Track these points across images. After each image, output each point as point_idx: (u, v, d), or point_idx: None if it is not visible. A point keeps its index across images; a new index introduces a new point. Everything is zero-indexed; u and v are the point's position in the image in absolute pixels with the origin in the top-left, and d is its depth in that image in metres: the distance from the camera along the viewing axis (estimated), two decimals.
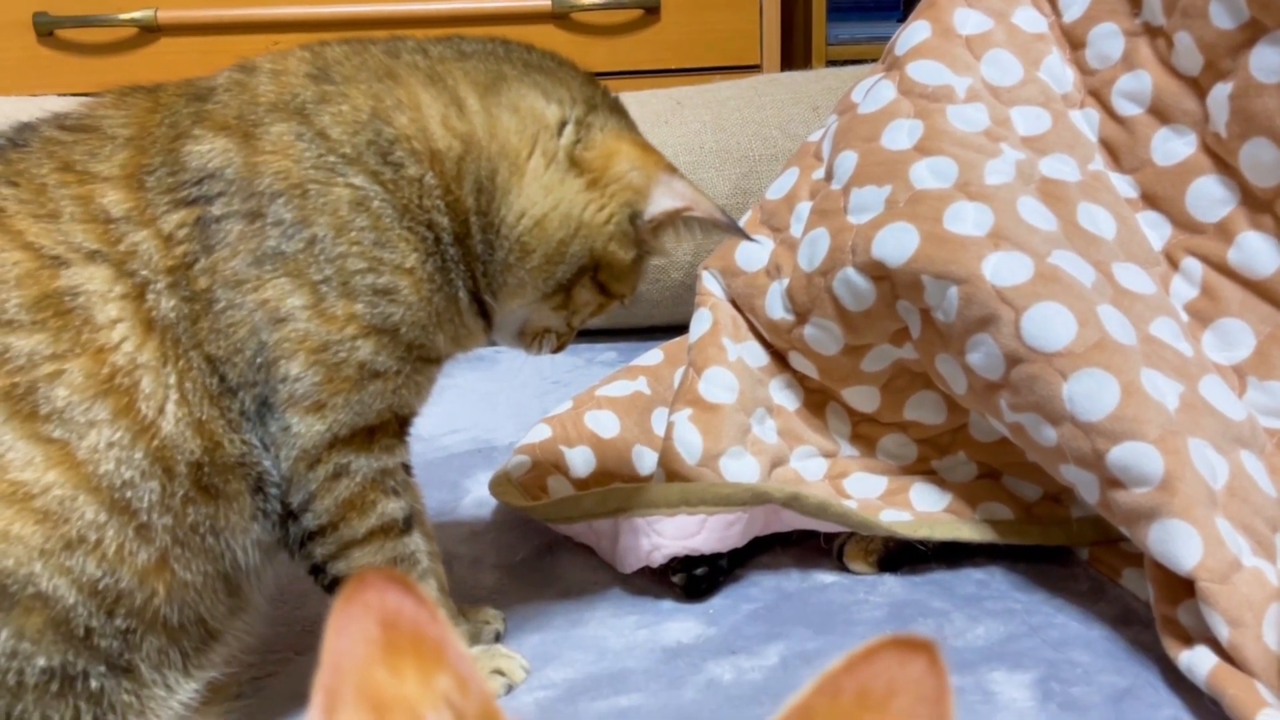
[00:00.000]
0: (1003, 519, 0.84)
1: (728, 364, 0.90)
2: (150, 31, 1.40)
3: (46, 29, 1.38)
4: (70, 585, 0.54)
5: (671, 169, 0.68)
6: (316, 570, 0.64)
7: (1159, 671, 0.70)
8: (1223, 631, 0.65)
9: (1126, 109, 0.87)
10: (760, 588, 0.83)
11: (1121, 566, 0.81)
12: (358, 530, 0.63)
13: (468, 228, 0.64)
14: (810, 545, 0.86)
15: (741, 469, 0.85)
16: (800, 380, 0.93)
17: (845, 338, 0.86)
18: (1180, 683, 0.69)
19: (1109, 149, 0.88)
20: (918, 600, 0.81)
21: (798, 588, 0.83)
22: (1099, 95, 0.89)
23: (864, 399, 0.90)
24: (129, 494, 0.56)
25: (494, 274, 0.66)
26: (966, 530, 0.82)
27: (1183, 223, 0.84)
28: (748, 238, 0.80)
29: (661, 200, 0.66)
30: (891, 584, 0.83)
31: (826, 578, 0.84)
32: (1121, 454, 0.70)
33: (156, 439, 0.57)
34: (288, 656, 0.75)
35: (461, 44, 0.68)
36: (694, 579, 0.81)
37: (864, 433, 0.92)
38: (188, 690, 0.60)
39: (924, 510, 0.85)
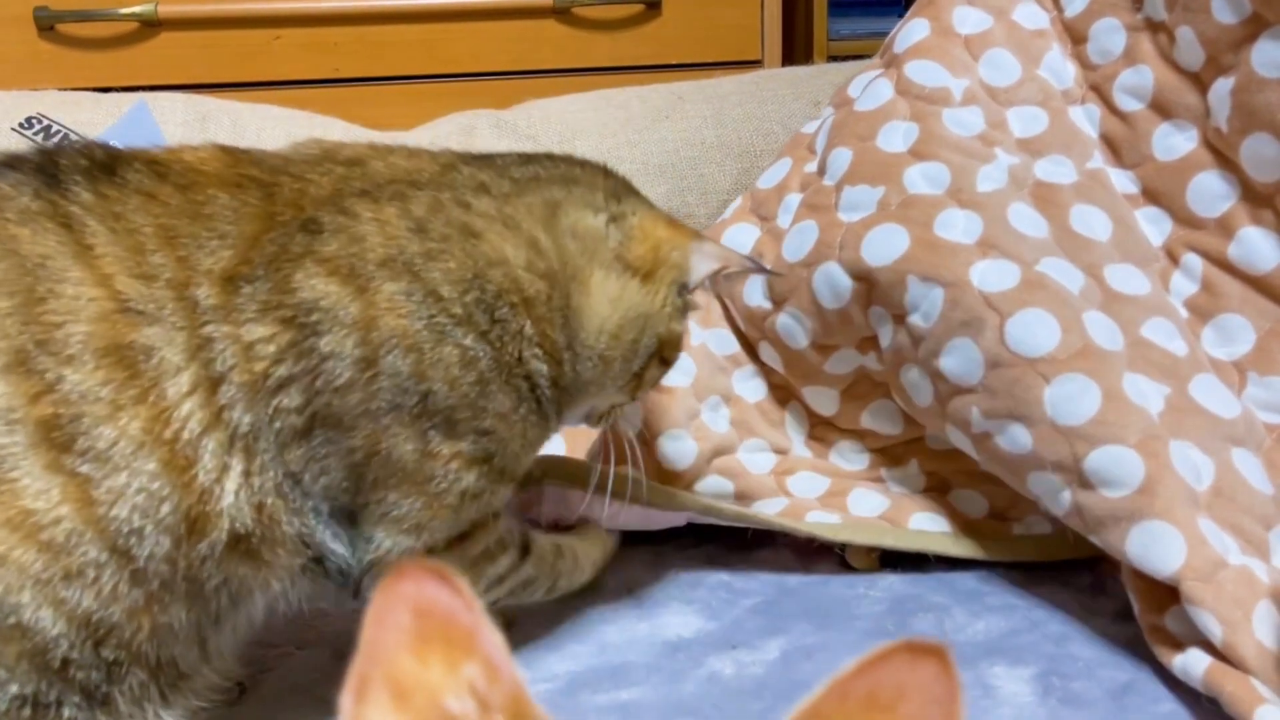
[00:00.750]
0: (935, 530, 0.84)
1: (689, 348, 0.91)
2: (151, 25, 1.40)
3: (47, 23, 1.38)
4: (58, 617, 0.53)
5: (698, 235, 0.72)
6: None
7: (1159, 666, 0.70)
8: (1215, 631, 0.65)
9: (1128, 104, 0.87)
10: (760, 582, 0.83)
11: (1121, 564, 0.81)
12: (478, 589, 0.65)
13: (561, 367, 0.66)
14: (810, 540, 0.86)
15: (678, 451, 0.85)
16: (766, 374, 0.94)
17: (815, 333, 0.87)
18: (1179, 678, 0.69)
19: (1110, 144, 0.88)
20: (918, 595, 0.81)
21: (798, 582, 0.83)
22: (1100, 90, 0.89)
23: (824, 401, 0.90)
24: (133, 542, 0.55)
25: (580, 388, 0.68)
26: (891, 538, 0.83)
27: (1183, 218, 0.84)
28: (773, 273, 0.86)
29: (700, 267, 0.70)
30: (892, 579, 0.83)
31: (827, 572, 0.84)
32: (1100, 457, 0.70)
33: (204, 505, 0.56)
34: (288, 651, 0.75)
35: (511, 171, 0.68)
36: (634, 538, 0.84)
37: (820, 435, 0.92)
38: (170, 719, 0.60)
39: (857, 515, 0.85)
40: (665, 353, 0.71)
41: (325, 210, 0.62)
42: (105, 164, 0.59)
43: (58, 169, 0.58)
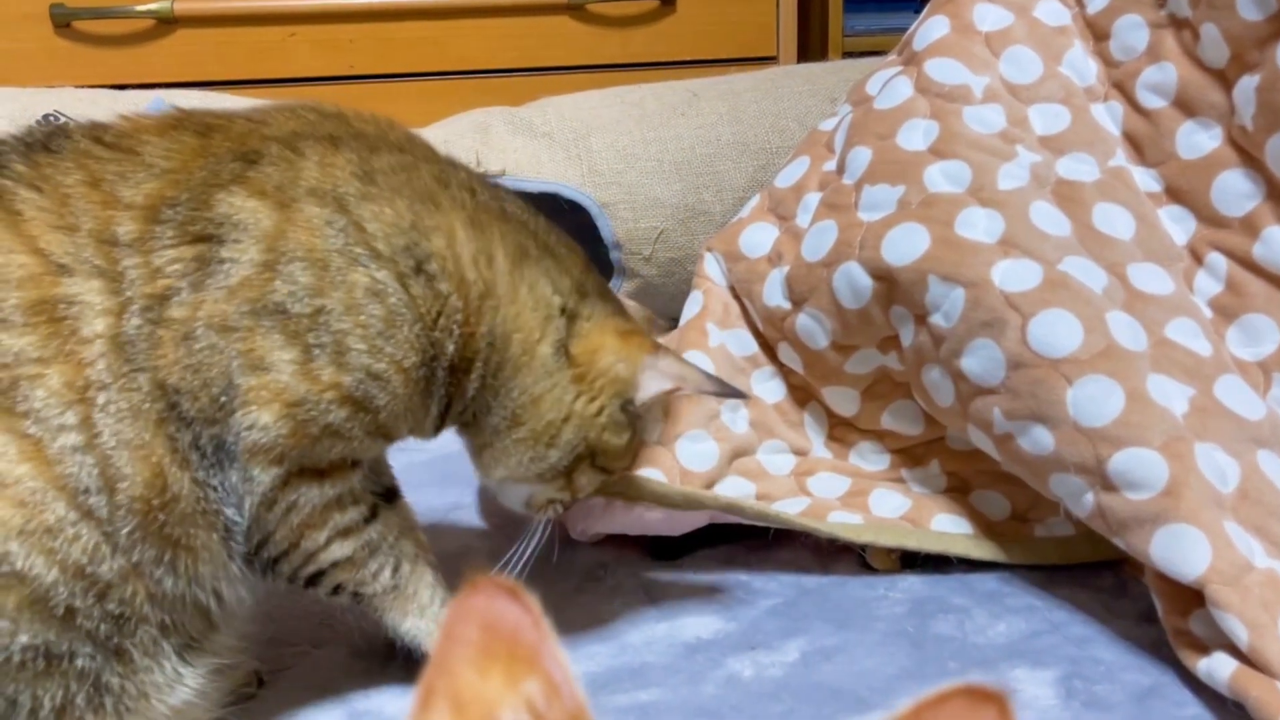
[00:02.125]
0: (957, 532, 0.83)
1: (707, 349, 0.90)
2: (167, 23, 1.40)
3: (63, 20, 1.38)
4: (50, 564, 0.54)
5: (656, 349, 0.71)
6: (291, 581, 0.65)
7: (1183, 670, 0.70)
8: (1241, 635, 0.65)
9: (1151, 102, 0.86)
10: (779, 583, 0.83)
11: (1145, 566, 0.80)
12: (318, 540, 0.64)
13: (469, 367, 0.66)
14: (830, 540, 0.85)
15: (699, 453, 0.85)
16: (785, 375, 0.93)
17: (835, 333, 0.86)
18: (1204, 682, 0.68)
19: (1132, 142, 0.87)
20: (938, 597, 0.80)
21: (817, 583, 0.83)
22: (1123, 88, 0.88)
23: (844, 402, 0.90)
24: (90, 501, 0.56)
25: (484, 432, 0.69)
26: (914, 539, 0.82)
27: (1207, 217, 0.83)
28: (743, 396, 0.81)
29: (650, 385, 0.70)
30: (912, 580, 0.82)
31: (846, 573, 0.84)
32: (1124, 460, 0.70)
33: (99, 451, 0.56)
34: (305, 650, 0.75)
35: (504, 200, 0.69)
36: (659, 542, 0.85)
37: (839, 436, 0.92)
38: (190, 676, 0.60)
39: (879, 515, 0.85)
40: (600, 461, 0.71)
41: (272, 145, 0.63)
42: (43, 140, 0.61)
43: None
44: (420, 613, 0.68)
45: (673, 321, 1.20)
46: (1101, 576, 0.82)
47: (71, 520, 0.55)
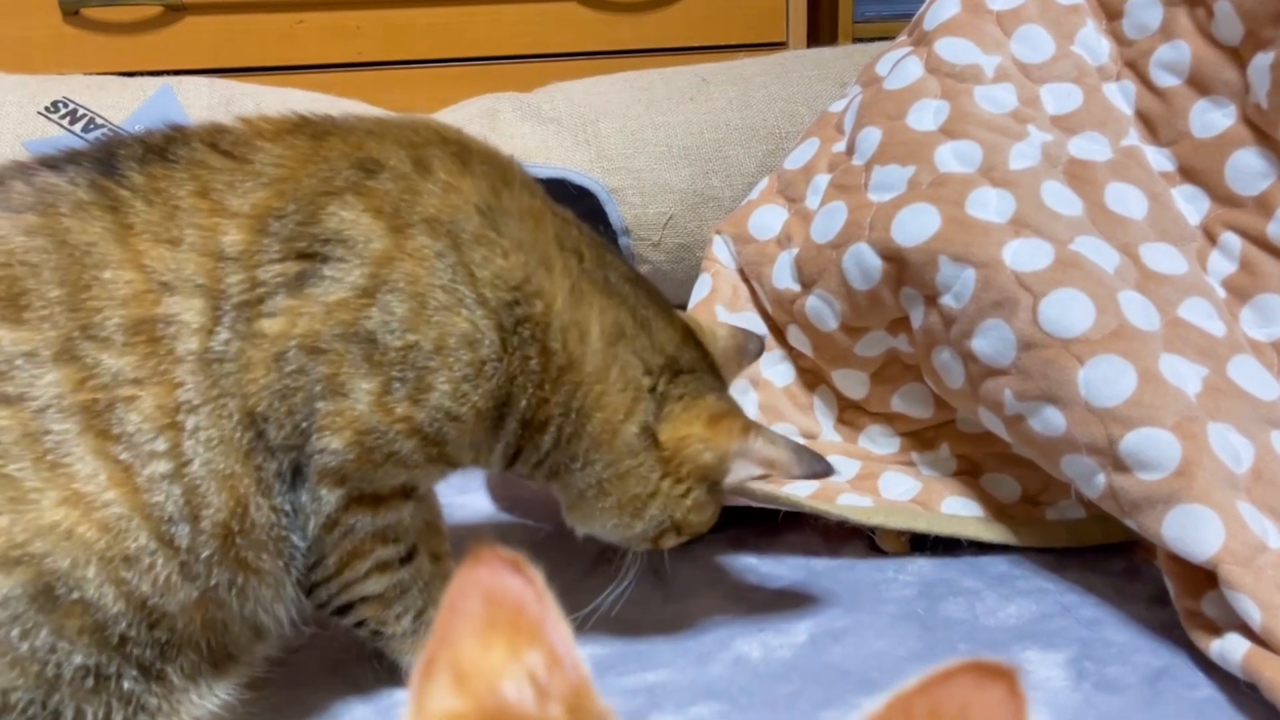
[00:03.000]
0: (967, 515, 0.83)
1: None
2: (175, 10, 1.40)
3: (73, 8, 1.38)
4: (119, 596, 0.55)
5: (746, 431, 0.68)
6: (322, 607, 0.66)
7: (1195, 652, 0.69)
8: (1254, 616, 0.64)
9: (1164, 80, 0.85)
10: (788, 566, 0.83)
11: (1157, 549, 0.80)
12: (359, 570, 0.64)
13: (543, 428, 0.65)
14: (839, 523, 0.85)
15: None
16: (794, 358, 0.93)
17: (845, 315, 0.85)
18: (1217, 664, 0.68)
19: (1146, 121, 0.87)
20: (948, 579, 0.80)
21: (826, 566, 0.82)
22: (1136, 66, 0.87)
23: (853, 385, 0.89)
24: (172, 530, 0.56)
25: (570, 491, 0.69)
26: (924, 521, 0.81)
27: (1221, 196, 0.82)
28: (833, 473, 0.72)
29: (740, 472, 0.69)
30: (922, 563, 0.82)
31: (855, 556, 0.83)
32: (1136, 440, 0.69)
33: (188, 480, 0.56)
34: (316, 630, 0.75)
35: (608, 268, 0.68)
36: None
37: (849, 419, 0.91)
38: (223, 689, 0.61)
39: (889, 498, 0.84)
40: (685, 531, 0.70)
41: (394, 154, 0.62)
42: (160, 146, 0.60)
43: (114, 158, 0.59)
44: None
45: (681, 309, 1.20)
46: (1113, 559, 0.81)
47: (150, 550, 0.55)
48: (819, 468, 0.69)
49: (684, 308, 1.16)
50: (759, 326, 0.93)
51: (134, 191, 0.57)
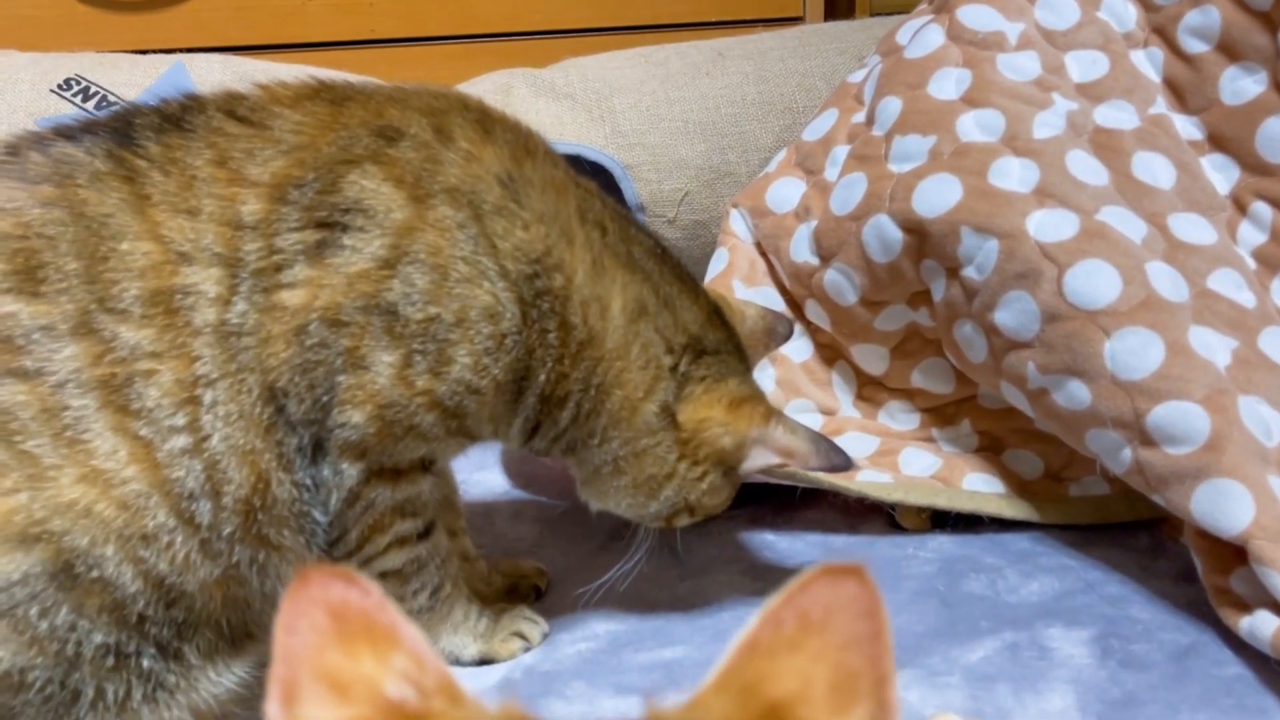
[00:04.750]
0: (989, 491, 0.81)
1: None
2: None
3: None
4: (136, 575, 0.54)
5: (767, 418, 0.66)
6: None
7: (1223, 629, 0.68)
8: None
9: (1193, 46, 0.83)
10: (806, 543, 0.81)
11: (1183, 525, 0.78)
12: (378, 545, 0.64)
13: (562, 404, 0.64)
14: (858, 500, 0.84)
15: None
16: (812, 333, 0.91)
17: (864, 288, 0.84)
18: (1245, 641, 0.66)
19: (1173, 89, 0.84)
20: (969, 556, 0.79)
21: (845, 543, 0.81)
22: (1164, 33, 0.85)
23: (873, 360, 0.88)
24: (193, 507, 0.55)
25: (586, 467, 0.68)
26: (945, 498, 0.80)
27: (1252, 165, 0.80)
28: (852, 467, 0.70)
29: (757, 459, 0.67)
30: (942, 540, 0.81)
31: (875, 533, 0.82)
32: (1164, 413, 0.67)
33: (208, 455, 0.56)
34: None
35: (633, 243, 0.66)
36: None
37: (868, 395, 0.90)
38: (240, 669, 0.60)
39: (909, 474, 0.83)
40: (699, 513, 0.69)
41: (415, 122, 0.61)
42: (176, 115, 0.59)
43: (131, 128, 0.58)
44: (454, 630, 0.68)
45: None
46: (1137, 536, 0.80)
47: (169, 528, 0.55)
48: (838, 461, 0.67)
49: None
50: (776, 301, 0.92)
51: (151, 162, 0.57)
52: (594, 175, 1.18)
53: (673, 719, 0.29)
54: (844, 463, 0.68)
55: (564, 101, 1.23)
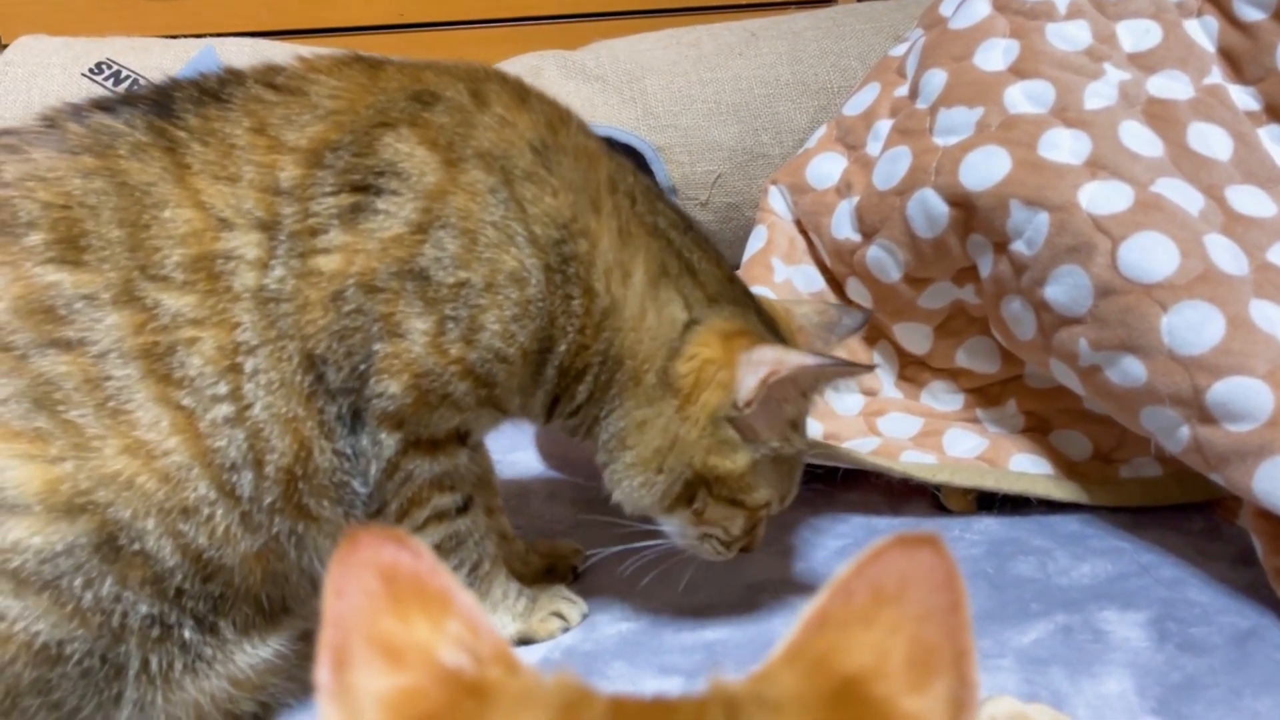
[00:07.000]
0: (1036, 472, 0.79)
1: (772, 284, 0.87)
2: None
3: None
4: (175, 550, 0.54)
5: (754, 343, 0.62)
6: None
7: None
8: None
9: (1249, 14, 0.81)
10: (849, 525, 0.80)
11: (1239, 508, 0.76)
12: (417, 520, 0.63)
13: (580, 376, 0.63)
14: (902, 481, 0.82)
15: None
16: None
17: (908, 265, 0.82)
18: None
19: (1229, 59, 0.82)
20: (1017, 538, 0.77)
21: (889, 525, 0.79)
22: (1218, 1, 0.82)
23: (916, 339, 0.86)
24: (234, 479, 0.55)
25: (599, 449, 0.65)
26: (991, 479, 0.78)
27: None
28: (864, 370, 0.67)
29: (748, 379, 0.62)
30: (989, 522, 0.79)
31: (919, 515, 0.80)
32: (1225, 389, 0.65)
33: (251, 424, 0.55)
34: None
35: (659, 212, 0.65)
36: None
37: (911, 375, 0.88)
38: (275, 642, 0.60)
39: (954, 455, 0.81)
40: (721, 490, 0.64)
41: (452, 87, 0.60)
42: (214, 89, 0.59)
43: (170, 100, 0.58)
44: (493, 608, 0.67)
45: (734, 270, 1.16)
46: (1192, 519, 0.78)
47: (210, 500, 0.54)
48: (842, 367, 0.62)
49: (735, 269, 1.13)
50: (816, 280, 0.90)
51: (190, 133, 0.57)
52: (625, 158, 1.17)
53: (739, 692, 0.27)
54: (837, 362, 0.62)
55: (595, 83, 1.22)
